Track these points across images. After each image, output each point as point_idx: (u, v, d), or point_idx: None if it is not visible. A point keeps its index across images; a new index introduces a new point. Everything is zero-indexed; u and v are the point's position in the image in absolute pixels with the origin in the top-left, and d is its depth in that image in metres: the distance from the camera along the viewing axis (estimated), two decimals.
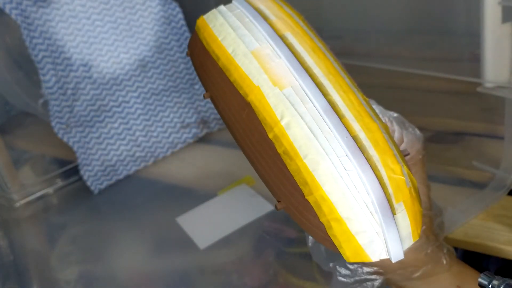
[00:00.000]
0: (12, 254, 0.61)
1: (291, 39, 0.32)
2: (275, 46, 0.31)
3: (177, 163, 0.74)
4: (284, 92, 0.30)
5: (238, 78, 0.32)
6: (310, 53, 0.31)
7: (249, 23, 0.33)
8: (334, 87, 0.30)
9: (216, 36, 0.34)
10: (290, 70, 0.30)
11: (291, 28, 0.33)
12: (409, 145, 0.35)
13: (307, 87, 0.30)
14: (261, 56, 0.31)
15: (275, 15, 0.33)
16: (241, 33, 0.33)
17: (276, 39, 0.32)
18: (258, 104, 0.30)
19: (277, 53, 0.31)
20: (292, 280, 0.51)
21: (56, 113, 0.67)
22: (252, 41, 0.32)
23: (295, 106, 0.29)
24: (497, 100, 0.50)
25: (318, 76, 0.30)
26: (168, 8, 0.76)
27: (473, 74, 0.51)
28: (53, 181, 0.71)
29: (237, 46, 0.32)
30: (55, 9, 0.68)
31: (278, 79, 0.30)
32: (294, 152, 0.28)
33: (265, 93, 0.30)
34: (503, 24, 0.48)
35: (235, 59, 0.32)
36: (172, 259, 0.56)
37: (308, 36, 0.33)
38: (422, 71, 0.59)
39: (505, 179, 0.52)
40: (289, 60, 0.31)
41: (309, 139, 0.28)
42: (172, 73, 0.76)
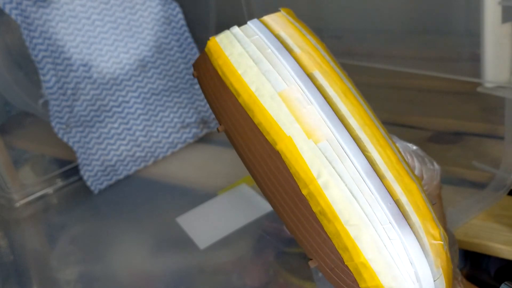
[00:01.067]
0: (12, 254, 0.61)
1: (321, 80, 0.29)
2: (304, 89, 0.29)
3: (177, 163, 0.73)
4: (319, 146, 0.27)
5: (264, 122, 0.29)
6: (342, 99, 0.29)
7: (271, 56, 0.30)
8: (372, 142, 0.28)
9: (234, 68, 0.31)
10: (323, 120, 0.28)
11: (319, 65, 0.30)
12: (428, 181, 0.35)
13: (344, 142, 0.27)
14: (290, 100, 0.28)
15: (299, 46, 0.31)
16: (264, 69, 0.30)
17: (305, 79, 0.29)
18: (290, 156, 0.28)
19: (308, 98, 0.29)
20: (292, 280, 0.51)
21: (56, 113, 0.67)
22: (279, 81, 0.29)
23: (332, 163, 0.27)
24: (497, 100, 0.50)
25: (355, 128, 0.28)
26: (168, 8, 0.76)
27: (473, 74, 0.51)
28: (53, 181, 0.71)
29: (261, 84, 0.29)
30: (55, 9, 0.68)
31: (312, 130, 0.28)
32: (333, 214, 0.27)
33: (298, 145, 0.28)
34: (503, 24, 0.48)
35: (260, 100, 0.29)
36: (172, 259, 0.56)
37: (337, 75, 0.30)
38: (422, 71, 0.59)
39: (505, 179, 0.52)
40: (322, 108, 0.28)
41: (350, 202, 0.27)
42: (172, 73, 0.76)
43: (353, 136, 0.28)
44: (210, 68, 0.32)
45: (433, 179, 0.36)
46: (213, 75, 0.32)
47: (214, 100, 0.33)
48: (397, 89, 0.67)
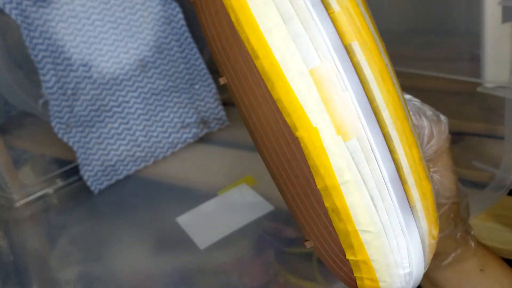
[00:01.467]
0: (12, 254, 0.61)
1: (359, 55, 0.25)
2: (340, 68, 0.24)
3: (177, 163, 0.73)
4: (348, 145, 0.24)
5: (286, 101, 0.25)
6: (379, 84, 0.25)
7: (305, 12, 0.24)
8: (401, 140, 0.26)
9: (256, 22, 0.24)
10: (357, 112, 0.24)
11: (358, 32, 0.25)
12: (437, 138, 0.34)
13: (374, 141, 0.25)
14: (323, 81, 0.24)
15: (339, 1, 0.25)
16: (295, 32, 0.24)
17: (343, 54, 0.24)
18: (312, 148, 0.25)
19: (343, 81, 0.24)
20: (292, 280, 0.51)
21: (56, 113, 0.67)
22: (312, 53, 0.24)
23: (358, 166, 0.25)
24: (497, 100, 0.50)
25: (387, 124, 0.25)
26: (168, 8, 0.76)
27: (473, 74, 0.51)
28: (53, 181, 0.71)
29: (290, 54, 0.24)
30: (55, 9, 0.68)
31: (343, 124, 0.24)
32: (347, 216, 0.25)
33: (324, 139, 0.24)
34: (503, 24, 0.48)
35: (285, 74, 0.24)
36: (172, 259, 0.56)
37: (376, 48, 0.26)
38: (422, 71, 0.59)
39: (505, 179, 0.52)
40: (358, 96, 0.24)
41: (368, 210, 0.25)
42: (172, 73, 0.76)
43: (384, 133, 0.25)
44: (217, 4, 0.26)
45: (442, 133, 0.35)
46: (221, 15, 0.26)
47: (218, 46, 0.27)
48: None
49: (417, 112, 0.34)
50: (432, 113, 0.35)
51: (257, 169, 0.67)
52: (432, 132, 0.34)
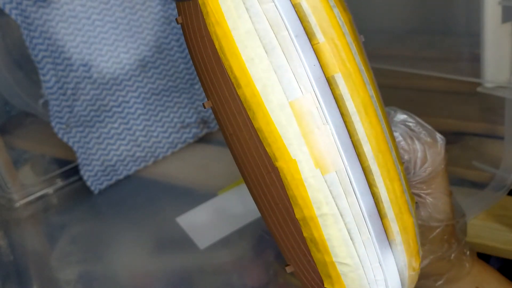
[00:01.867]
0: (12, 254, 0.61)
1: (342, 88, 0.25)
2: (321, 100, 0.24)
3: (177, 163, 0.73)
4: (326, 178, 0.25)
5: (266, 131, 0.25)
6: (362, 117, 0.25)
7: (287, 42, 0.24)
8: (382, 174, 0.26)
9: (238, 51, 0.24)
10: (337, 146, 0.24)
11: (343, 63, 0.25)
12: (431, 160, 0.34)
13: (353, 175, 0.25)
14: (303, 114, 0.24)
15: (323, 30, 0.25)
16: (277, 62, 0.24)
17: (324, 86, 0.24)
18: (290, 179, 0.25)
19: (324, 114, 0.24)
20: (292, 280, 0.51)
21: (56, 113, 0.67)
22: (293, 85, 0.24)
23: (336, 199, 0.25)
24: (497, 100, 0.50)
25: (368, 158, 0.25)
26: (168, 8, 0.76)
27: (473, 74, 0.51)
28: (53, 181, 0.71)
29: (271, 85, 0.24)
30: (55, 9, 0.68)
31: (321, 157, 0.24)
32: (324, 248, 0.26)
33: (302, 172, 0.25)
34: (503, 24, 0.48)
35: (266, 105, 0.24)
36: (172, 259, 0.56)
37: (360, 78, 0.26)
38: (422, 71, 0.59)
39: (505, 179, 0.52)
40: (338, 130, 0.24)
41: (345, 243, 0.25)
42: (172, 73, 0.76)
43: (364, 167, 0.25)
44: (202, 28, 0.26)
45: (437, 155, 0.34)
46: (206, 42, 0.26)
47: (203, 69, 0.27)
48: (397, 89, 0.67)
49: (409, 136, 0.34)
50: (427, 135, 0.35)
51: None
52: (426, 155, 0.34)
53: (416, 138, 0.34)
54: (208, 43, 0.26)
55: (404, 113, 0.36)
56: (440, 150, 0.35)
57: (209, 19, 0.25)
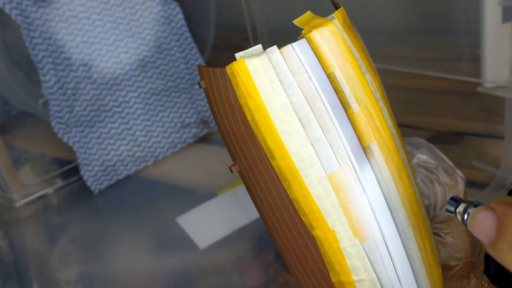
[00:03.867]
0: (12, 254, 0.61)
1: (377, 156, 0.25)
2: (359, 171, 0.24)
3: (177, 163, 0.73)
4: (364, 246, 0.25)
5: (303, 203, 0.25)
6: (396, 183, 0.25)
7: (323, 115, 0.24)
8: (415, 235, 0.26)
9: (273, 124, 0.24)
10: (374, 214, 0.25)
11: (377, 131, 0.25)
12: None
13: (390, 241, 0.25)
14: (341, 186, 0.24)
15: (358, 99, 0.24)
16: (314, 135, 0.24)
17: (361, 157, 0.24)
18: (328, 248, 0.25)
19: (361, 184, 0.24)
20: (292, 280, 0.51)
21: (56, 113, 0.67)
22: (331, 158, 0.24)
23: (373, 265, 0.25)
24: (497, 100, 0.50)
25: (402, 221, 0.25)
26: (168, 8, 0.76)
27: (473, 74, 0.51)
28: (53, 181, 0.71)
29: (308, 159, 0.24)
30: (55, 9, 0.68)
31: (360, 227, 0.24)
32: None
33: (340, 241, 0.25)
34: (503, 24, 0.48)
35: (303, 178, 0.24)
36: (172, 259, 0.56)
37: (394, 145, 0.26)
38: (422, 71, 0.59)
39: (505, 179, 0.52)
40: (375, 198, 0.25)
41: None
42: (172, 73, 0.76)
43: (399, 231, 0.25)
44: (231, 98, 0.25)
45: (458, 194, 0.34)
46: (236, 112, 0.25)
47: (231, 137, 0.26)
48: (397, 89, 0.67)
49: (429, 180, 0.34)
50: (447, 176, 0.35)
51: None
52: (446, 198, 0.34)
53: (436, 181, 0.34)
54: (238, 113, 0.25)
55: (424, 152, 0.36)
56: (460, 190, 0.35)
57: (239, 91, 0.24)
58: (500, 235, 0.20)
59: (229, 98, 0.25)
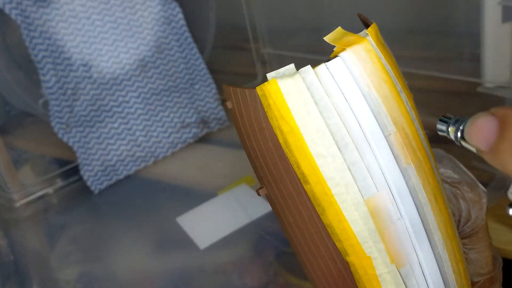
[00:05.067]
0: (12, 254, 0.61)
1: (414, 179, 0.24)
2: (396, 195, 0.23)
3: (177, 163, 0.73)
4: (401, 271, 0.24)
5: (338, 229, 0.24)
6: (433, 206, 0.25)
7: (360, 138, 0.23)
8: (450, 259, 0.25)
9: (307, 147, 0.23)
10: (411, 239, 0.24)
11: (413, 153, 0.24)
12: (474, 218, 0.34)
13: (426, 265, 0.25)
14: (378, 211, 0.23)
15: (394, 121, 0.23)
16: (350, 159, 0.23)
17: (399, 179, 0.23)
18: (363, 274, 0.24)
19: (398, 209, 0.24)
20: (292, 280, 0.51)
21: (56, 113, 0.67)
22: (368, 183, 0.23)
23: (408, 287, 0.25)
24: (497, 100, 0.50)
25: (438, 245, 0.25)
26: (168, 8, 0.76)
27: (473, 74, 0.51)
28: (53, 181, 0.71)
29: (345, 184, 0.23)
30: (55, 9, 0.68)
31: (397, 252, 0.24)
32: None
33: (377, 267, 0.24)
34: (503, 24, 0.48)
35: (339, 203, 0.23)
36: (172, 259, 0.56)
37: (430, 166, 0.25)
38: (422, 71, 0.59)
39: (505, 179, 0.52)
40: (412, 222, 0.24)
41: None
42: (172, 73, 0.76)
43: (435, 254, 0.25)
44: (261, 120, 0.24)
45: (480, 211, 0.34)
46: (267, 135, 0.24)
47: (258, 157, 0.25)
48: None
49: (454, 196, 0.33)
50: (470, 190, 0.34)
51: None
52: (470, 213, 0.34)
53: (460, 197, 0.34)
54: (269, 136, 0.24)
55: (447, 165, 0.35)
56: (483, 205, 0.34)
57: (271, 113, 0.23)
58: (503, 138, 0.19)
59: (259, 120, 0.24)
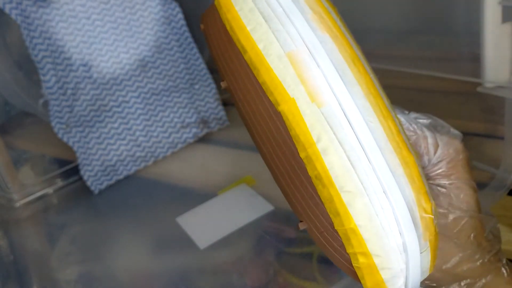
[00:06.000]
0: (12, 254, 0.61)
1: (330, 45, 0.28)
2: (313, 51, 0.28)
3: (177, 163, 0.74)
4: (322, 111, 0.27)
5: (268, 81, 0.29)
6: (350, 65, 0.28)
7: (282, 15, 0.29)
8: (375, 111, 0.28)
9: (244, 24, 0.30)
10: (329, 84, 0.27)
11: (330, 30, 0.29)
12: (445, 148, 0.34)
13: (347, 109, 0.27)
14: (297, 61, 0.28)
15: (311, 8, 0.29)
16: (274, 27, 0.29)
17: (314, 42, 0.28)
18: (291, 118, 0.28)
19: (315, 61, 0.28)
20: (292, 280, 0.51)
21: (56, 113, 0.67)
22: (287, 41, 0.28)
23: (334, 129, 0.27)
24: (497, 100, 0.50)
25: (359, 97, 0.28)
26: (168, 8, 0.76)
27: (473, 74, 0.51)
28: (53, 181, 0.71)
29: (270, 43, 0.29)
30: (55, 9, 0.68)
31: (316, 93, 0.27)
32: (328, 180, 0.27)
33: (300, 107, 0.27)
34: (503, 24, 0.48)
35: (266, 58, 0.29)
36: (172, 259, 0.56)
37: (347, 42, 0.29)
38: (422, 71, 0.59)
39: (505, 179, 0.52)
40: (328, 72, 0.28)
41: (347, 170, 0.27)
42: (172, 73, 0.76)
43: (356, 103, 0.27)
44: (218, 22, 0.32)
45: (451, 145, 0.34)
46: (221, 29, 0.32)
47: (219, 55, 0.32)
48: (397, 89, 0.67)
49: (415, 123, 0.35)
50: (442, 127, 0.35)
51: (257, 169, 0.67)
52: (437, 142, 0.34)
53: (424, 126, 0.35)
54: (221, 28, 0.31)
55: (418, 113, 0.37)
56: (453, 140, 0.35)
57: (221, 10, 0.31)
58: None
59: (216, 22, 0.32)
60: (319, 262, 0.52)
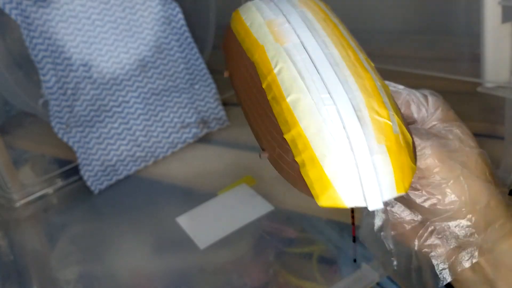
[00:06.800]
0: (12, 254, 0.61)
1: (308, 15, 0.32)
2: (290, 19, 0.32)
3: (177, 163, 0.74)
4: (284, 47, 0.30)
5: (249, 44, 0.33)
6: (320, 22, 0.32)
7: (273, 6, 0.34)
8: (335, 44, 0.30)
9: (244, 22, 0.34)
10: (295, 31, 0.31)
11: (311, 9, 0.33)
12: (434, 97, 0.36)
13: (306, 42, 0.30)
14: (273, 24, 0.32)
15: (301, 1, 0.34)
16: (262, 11, 0.34)
17: (292, 12, 0.32)
18: (260, 61, 0.31)
19: (288, 21, 0.32)
20: (292, 280, 0.51)
21: (56, 113, 0.67)
22: (268, 13, 0.33)
23: (290, 55, 0.29)
24: (497, 100, 0.50)
25: (321, 35, 0.31)
26: (168, 8, 0.76)
27: (473, 74, 0.51)
28: (53, 181, 0.71)
29: (254, 18, 0.33)
30: (55, 9, 0.68)
31: (281, 37, 0.31)
32: (280, 94, 0.29)
33: (267, 49, 0.31)
34: (503, 24, 0.48)
35: (250, 28, 0.33)
36: (172, 259, 0.56)
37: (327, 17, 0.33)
38: (422, 71, 0.59)
39: (505, 179, 0.52)
40: (298, 25, 0.31)
41: (295, 80, 0.28)
42: (172, 73, 0.76)
43: (317, 40, 0.30)
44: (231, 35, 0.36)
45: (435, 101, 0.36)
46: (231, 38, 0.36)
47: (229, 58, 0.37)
48: None
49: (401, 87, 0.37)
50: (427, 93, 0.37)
51: (257, 169, 0.67)
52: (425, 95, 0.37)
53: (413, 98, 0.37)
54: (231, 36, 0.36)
55: None
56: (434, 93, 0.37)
57: (234, 27, 0.36)
58: None
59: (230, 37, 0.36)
60: (319, 262, 0.52)
